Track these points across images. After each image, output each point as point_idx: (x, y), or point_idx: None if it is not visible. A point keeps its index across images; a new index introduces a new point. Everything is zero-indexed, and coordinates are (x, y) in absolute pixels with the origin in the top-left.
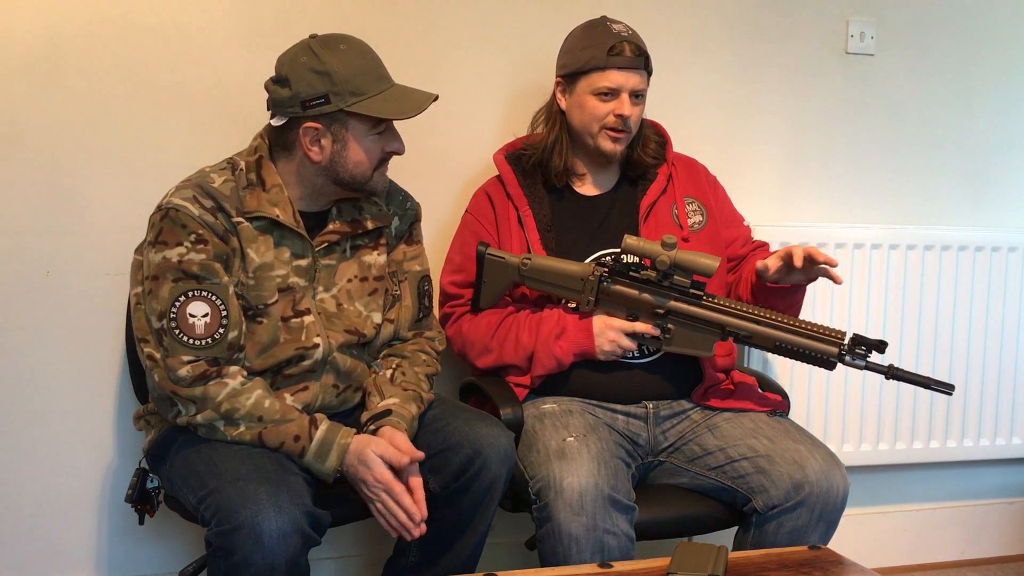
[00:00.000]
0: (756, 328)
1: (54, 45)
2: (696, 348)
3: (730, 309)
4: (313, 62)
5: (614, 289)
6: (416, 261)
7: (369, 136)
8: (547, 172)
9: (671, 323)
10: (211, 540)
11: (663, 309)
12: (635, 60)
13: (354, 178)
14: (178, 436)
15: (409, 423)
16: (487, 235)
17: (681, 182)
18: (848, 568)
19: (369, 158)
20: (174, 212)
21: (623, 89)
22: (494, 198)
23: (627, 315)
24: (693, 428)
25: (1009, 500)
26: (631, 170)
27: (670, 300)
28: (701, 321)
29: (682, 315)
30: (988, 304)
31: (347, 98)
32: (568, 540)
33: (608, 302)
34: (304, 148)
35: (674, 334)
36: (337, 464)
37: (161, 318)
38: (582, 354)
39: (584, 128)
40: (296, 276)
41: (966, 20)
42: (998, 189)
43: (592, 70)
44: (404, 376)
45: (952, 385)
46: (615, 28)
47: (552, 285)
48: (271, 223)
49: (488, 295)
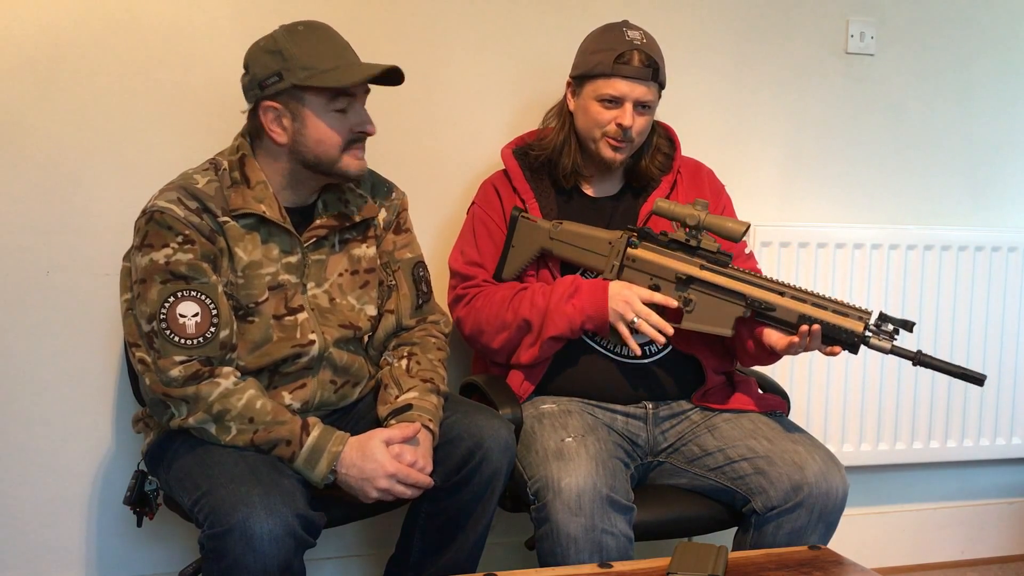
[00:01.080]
0: (780, 300)
1: (54, 45)
2: (716, 324)
3: (753, 279)
4: (268, 43)
5: (640, 254)
6: (407, 249)
7: (329, 112)
8: (555, 171)
9: (693, 294)
10: (204, 542)
11: (686, 275)
12: (642, 71)
13: (319, 158)
14: (176, 438)
15: (433, 414)
16: (497, 228)
17: (684, 190)
18: (848, 568)
19: (332, 136)
20: (159, 214)
21: (627, 99)
22: (501, 190)
23: (649, 285)
24: (692, 429)
25: (1009, 500)
26: (634, 180)
27: (696, 263)
28: (724, 291)
29: (705, 283)
30: (988, 304)
31: (297, 72)
32: (566, 540)
33: (633, 268)
34: (268, 130)
35: (696, 305)
36: (327, 471)
37: (151, 320)
38: (593, 318)
39: (586, 133)
40: (286, 273)
41: (966, 20)
42: (998, 189)
43: (598, 76)
44: (420, 365)
45: (984, 375)
46: (629, 35)
47: (579, 249)
48: (258, 220)
49: (515, 260)
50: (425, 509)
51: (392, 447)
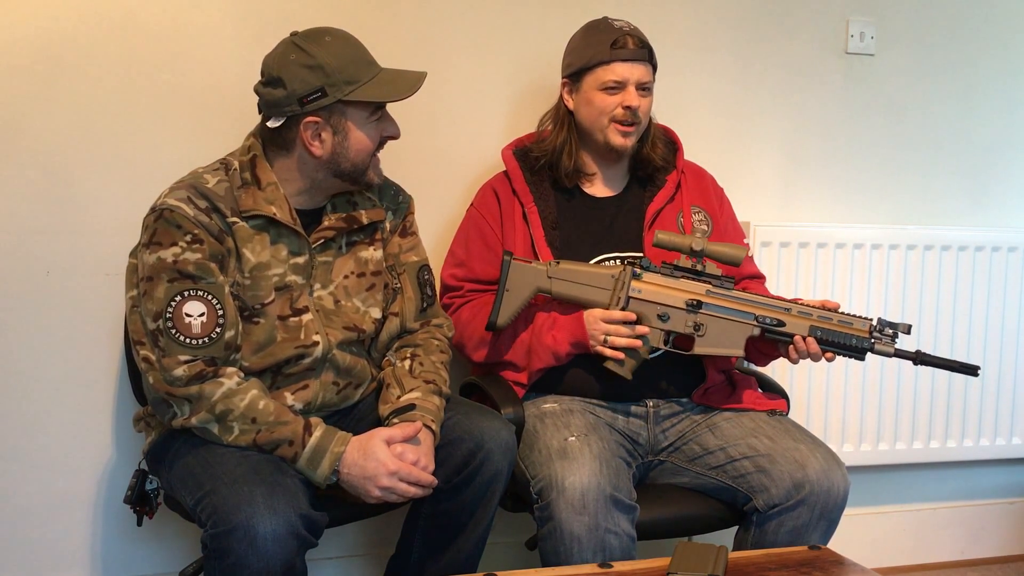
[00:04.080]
0: (788, 317)
1: (54, 45)
2: (728, 346)
3: (758, 298)
4: (303, 58)
5: (645, 286)
6: (413, 252)
7: (368, 124)
8: (556, 173)
9: (703, 319)
10: (207, 542)
11: (696, 301)
12: (639, 52)
13: (355, 167)
14: (177, 438)
15: (436, 415)
16: (491, 231)
17: (689, 190)
18: (848, 568)
19: (369, 145)
20: (168, 213)
21: (629, 81)
22: (500, 194)
23: (659, 314)
24: (693, 427)
25: (1009, 500)
26: (640, 169)
27: (702, 287)
28: (734, 312)
29: (715, 306)
30: (988, 304)
31: (343, 88)
32: (570, 540)
33: (639, 300)
34: (305, 144)
35: (706, 329)
36: (329, 471)
37: (157, 319)
38: (577, 344)
39: (593, 123)
40: (293, 274)
41: (966, 20)
42: (998, 189)
43: (597, 65)
44: (422, 367)
45: (977, 366)
46: (616, 24)
47: (580, 285)
48: (267, 221)
49: (510, 304)
50: (426, 510)
51: (394, 446)
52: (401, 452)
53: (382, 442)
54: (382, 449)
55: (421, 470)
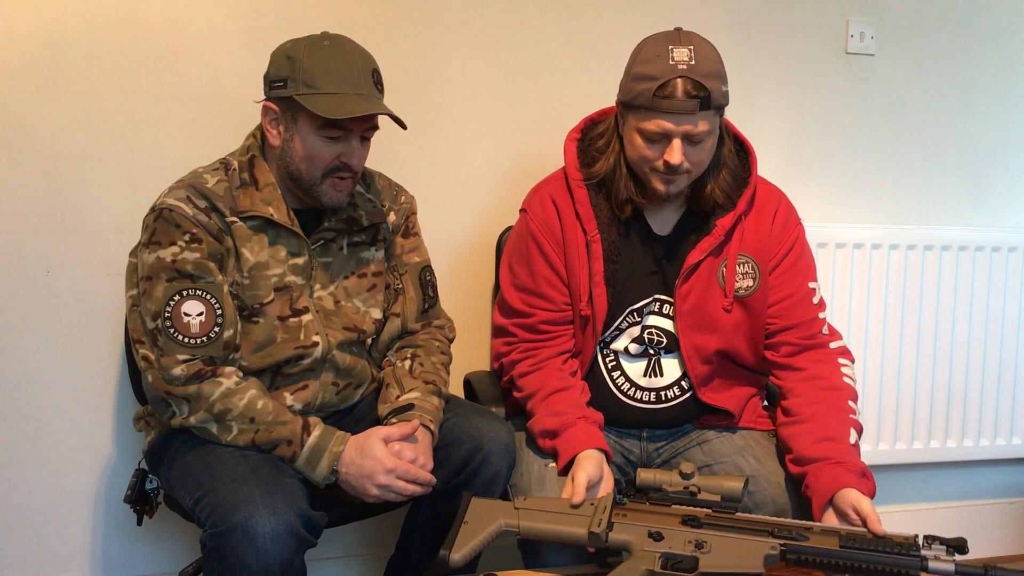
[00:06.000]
0: (813, 546)
1: (54, 45)
2: (742, 566)
3: (774, 521)
4: (291, 49)
5: (631, 509)
6: (415, 253)
7: (317, 136)
8: (611, 200)
9: (705, 536)
10: (206, 542)
11: (692, 516)
12: (687, 103)
13: (300, 174)
14: (177, 437)
15: (434, 415)
16: (555, 255)
17: (744, 233)
18: None
19: (316, 159)
20: (168, 212)
21: (672, 135)
22: (562, 212)
23: (651, 533)
24: (686, 444)
25: (1009, 500)
26: (695, 205)
27: (700, 511)
28: (741, 530)
29: (716, 526)
30: (988, 304)
31: (300, 87)
32: None
33: (625, 523)
34: (265, 127)
35: (711, 547)
36: (328, 471)
37: (156, 318)
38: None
39: (635, 165)
40: (293, 275)
41: (966, 20)
42: (998, 189)
43: (640, 107)
44: (423, 367)
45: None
46: (676, 55)
47: (552, 514)
48: (265, 222)
49: (466, 537)
50: (425, 510)
51: (391, 444)
52: (399, 450)
53: (379, 440)
54: (379, 447)
55: (419, 468)
